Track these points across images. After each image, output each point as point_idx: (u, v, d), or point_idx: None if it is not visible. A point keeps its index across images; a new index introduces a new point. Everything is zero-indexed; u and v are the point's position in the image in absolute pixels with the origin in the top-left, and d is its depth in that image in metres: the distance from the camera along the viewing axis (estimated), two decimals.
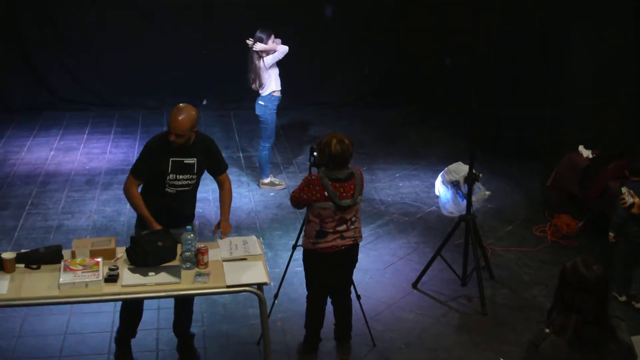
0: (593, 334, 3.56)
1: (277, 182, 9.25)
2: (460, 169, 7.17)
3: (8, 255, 5.20)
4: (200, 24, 12.07)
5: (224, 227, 5.79)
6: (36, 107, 11.72)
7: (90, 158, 10.15)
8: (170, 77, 12.15)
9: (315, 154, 5.68)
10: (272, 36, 8.71)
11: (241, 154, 10.41)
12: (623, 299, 6.82)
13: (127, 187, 5.69)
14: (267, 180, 9.23)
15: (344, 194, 5.45)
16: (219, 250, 5.53)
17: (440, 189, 7.35)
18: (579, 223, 8.08)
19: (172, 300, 6.05)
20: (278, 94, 8.80)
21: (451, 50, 11.52)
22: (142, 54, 12.03)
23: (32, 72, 11.56)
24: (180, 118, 5.44)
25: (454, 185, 7.18)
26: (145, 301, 6.16)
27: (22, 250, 5.43)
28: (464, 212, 6.96)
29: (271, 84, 8.74)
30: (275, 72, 8.77)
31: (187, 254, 5.28)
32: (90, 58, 12.12)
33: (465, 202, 6.97)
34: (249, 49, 8.75)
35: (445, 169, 7.33)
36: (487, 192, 7.38)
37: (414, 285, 7.09)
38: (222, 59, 12.09)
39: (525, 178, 9.64)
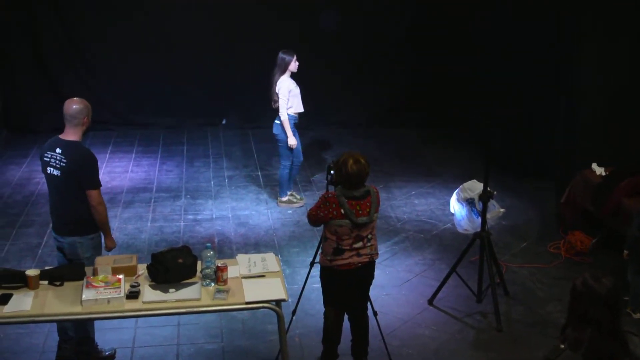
0: (608, 348, 3.54)
1: (294, 200, 9.24)
2: (475, 186, 7.16)
3: (32, 272, 5.24)
4: (220, 43, 12.12)
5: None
6: (60, 127, 11.71)
7: (112, 177, 10.20)
8: (191, 97, 12.22)
9: (332, 172, 5.69)
10: (294, 57, 8.71)
11: (260, 173, 10.43)
12: (638, 316, 6.76)
13: (103, 202, 5.77)
14: (285, 198, 9.23)
15: (360, 212, 5.45)
16: (238, 267, 5.54)
17: (456, 206, 7.33)
18: (593, 240, 8.03)
19: (191, 316, 6.05)
20: (293, 112, 8.81)
21: (468, 68, 11.50)
22: (162, 74, 12.08)
23: (56, 94, 11.63)
24: None
25: (469, 202, 7.16)
26: (166, 317, 6.20)
27: (46, 267, 5.47)
28: (478, 229, 6.93)
29: (291, 102, 8.75)
30: (296, 93, 8.77)
31: (207, 271, 5.29)
32: (112, 79, 12.19)
33: (480, 219, 6.94)
34: (273, 67, 8.76)
35: (460, 186, 7.31)
36: (502, 210, 7.35)
37: (430, 301, 7.06)
38: (241, 78, 12.13)
39: (540, 195, 9.59)
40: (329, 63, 12.14)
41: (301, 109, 8.84)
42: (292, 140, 8.80)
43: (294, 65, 8.72)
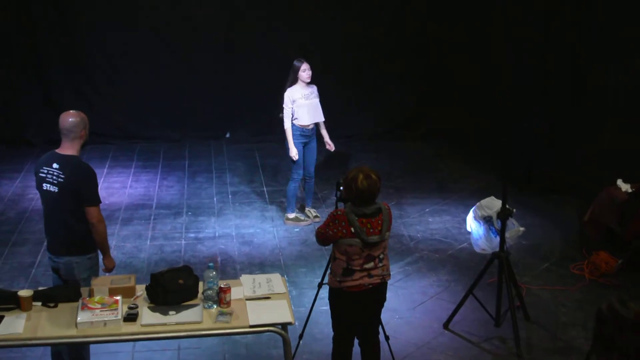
0: None
1: (302, 218, 9.25)
2: (493, 203, 7.15)
3: (25, 292, 5.24)
4: (223, 55, 12.18)
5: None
6: (56, 140, 11.72)
7: (110, 192, 10.22)
8: (193, 109, 12.26)
9: (341, 188, 5.68)
10: (302, 65, 8.74)
11: (265, 189, 10.44)
12: None
13: (103, 219, 5.78)
14: (291, 215, 9.23)
15: (372, 230, 5.43)
16: (241, 289, 5.54)
17: (472, 224, 7.32)
18: (619, 261, 7.99)
19: (192, 340, 6.04)
20: (298, 124, 8.85)
21: (485, 80, 11.51)
22: (163, 85, 12.16)
23: (52, 106, 11.69)
24: None
25: (487, 220, 7.15)
26: (166, 341, 6.18)
27: (39, 288, 5.48)
28: (497, 249, 6.91)
29: (296, 114, 8.79)
30: (302, 103, 8.79)
31: (208, 292, 5.28)
32: (111, 90, 12.26)
33: (498, 238, 6.92)
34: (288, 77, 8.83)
35: (477, 203, 7.30)
36: (522, 228, 7.33)
37: (445, 325, 7.04)
38: (247, 90, 12.18)
39: (562, 213, 9.56)
40: (339, 74, 12.17)
41: (306, 122, 8.86)
42: (292, 152, 8.87)
43: (303, 75, 8.75)
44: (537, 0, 10.02)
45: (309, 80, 8.82)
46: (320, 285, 6.34)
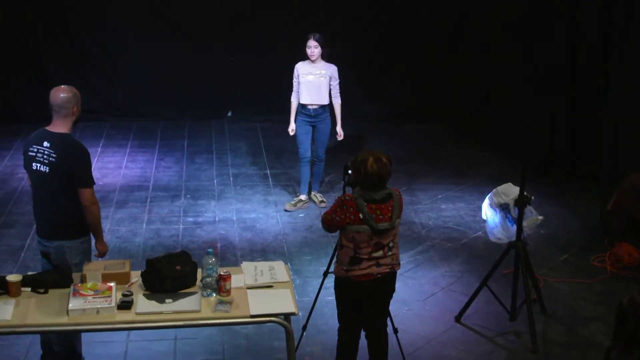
0: None
1: (304, 200, 9.27)
2: (510, 190, 7.13)
3: (13, 277, 5.25)
4: (225, 28, 12.16)
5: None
6: (48, 117, 11.82)
7: (104, 173, 10.24)
8: (193, 85, 12.25)
9: (350, 172, 5.68)
10: (309, 40, 8.76)
11: (269, 171, 10.44)
12: None
13: (96, 201, 5.78)
14: (295, 200, 9.26)
15: (381, 217, 5.44)
16: (242, 277, 5.55)
17: (488, 212, 7.31)
18: None
19: (190, 330, 6.05)
20: (300, 101, 8.99)
21: (503, 60, 11.47)
22: (162, 61, 12.15)
23: (43, 80, 11.69)
24: None
25: (503, 208, 7.13)
26: (162, 331, 6.20)
27: (29, 273, 5.49)
28: (513, 239, 6.91)
29: (299, 90, 8.95)
30: (303, 80, 8.86)
31: (207, 279, 5.29)
32: (105, 65, 12.26)
33: (515, 227, 6.92)
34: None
35: (494, 190, 7.28)
36: (540, 217, 7.31)
37: (457, 318, 7.05)
38: (250, 65, 12.16)
39: (583, 201, 9.55)
40: (350, 51, 12.13)
41: (303, 100, 8.95)
42: (290, 127, 9.08)
43: (307, 51, 8.79)
44: None
45: (313, 58, 8.82)
46: (325, 274, 6.35)
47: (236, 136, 11.83)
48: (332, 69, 8.94)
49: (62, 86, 5.73)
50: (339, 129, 9.15)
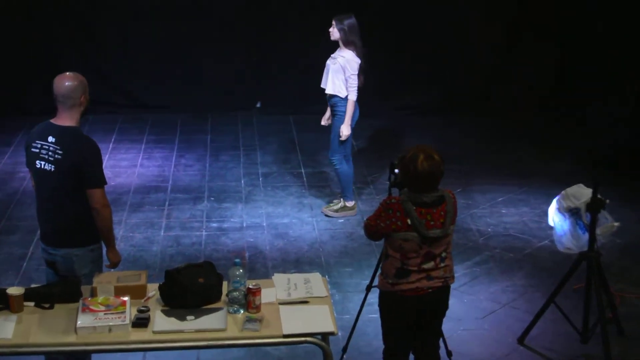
0: None
1: (337, 207, 9.25)
2: (581, 193, 7.08)
3: (15, 290, 5.30)
4: (252, 10, 12.16)
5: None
6: (53, 108, 11.91)
7: (116, 172, 10.31)
8: (217, 73, 12.29)
9: (396, 171, 5.68)
10: (333, 23, 8.78)
11: (303, 170, 10.46)
12: None
13: (108, 204, 5.80)
14: (350, 204, 9.22)
15: (432, 223, 5.43)
16: (274, 291, 5.56)
17: (555, 218, 7.27)
18: None
19: (214, 351, 6.07)
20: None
21: (572, 48, 11.44)
22: (181, 45, 12.19)
23: (49, 68, 11.78)
24: None
25: (573, 213, 7.10)
26: (182, 352, 6.23)
27: (32, 285, 5.54)
28: (585, 248, 6.86)
29: None
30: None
31: (234, 294, 5.31)
32: (118, 49, 12.32)
33: (587, 235, 6.88)
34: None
35: (562, 192, 7.24)
36: (616, 223, 7.26)
37: (521, 340, 7.02)
38: (281, 51, 12.19)
39: None
40: (396, 33, 12.10)
41: (322, 85, 8.93)
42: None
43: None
44: None
45: (333, 39, 8.83)
46: (368, 288, 6.35)
47: (266, 130, 11.86)
48: (344, 59, 8.73)
49: (67, 73, 5.74)
50: (342, 126, 8.95)
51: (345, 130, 8.83)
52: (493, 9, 12.33)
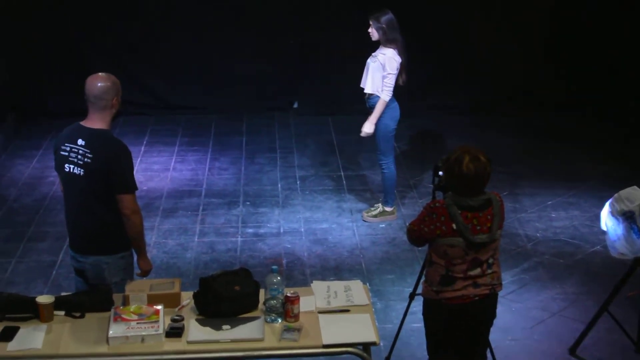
0: None
1: (376, 212, 9.22)
2: (636, 195, 7.03)
3: (45, 299, 5.33)
4: (289, 8, 12.16)
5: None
6: (83, 111, 11.96)
7: (148, 176, 10.37)
8: (251, 72, 12.31)
9: (440, 173, 5.67)
10: (370, 23, 8.76)
11: (342, 173, 10.46)
12: None
13: (139, 210, 5.82)
14: (389, 209, 9.19)
15: (478, 228, 5.41)
16: (313, 299, 5.57)
17: (608, 222, 7.22)
18: None
19: None
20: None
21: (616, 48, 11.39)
22: (214, 43, 12.22)
23: (78, 69, 11.86)
24: None
25: (627, 217, 7.04)
26: None
27: (62, 294, 5.57)
28: (639, 254, 6.81)
29: None
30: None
31: (272, 302, 5.32)
32: (149, 50, 12.36)
33: None
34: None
35: (615, 195, 7.19)
36: None
37: (572, 350, 6.98)
38: (319, 49, 12.19)
39: None
40: (434, 30, 12.07)
41: (362, 84, 8.92)
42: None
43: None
44: None
45: (374, 40, 8.82)
46: (412, 296, 6.34)
47: (303, 132, 11.87)
48: (384, 57, 8.70)
49: (100, 74, 5.78)
50: (366, 123, 8.88)
51: (367, 128, 8.85)
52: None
